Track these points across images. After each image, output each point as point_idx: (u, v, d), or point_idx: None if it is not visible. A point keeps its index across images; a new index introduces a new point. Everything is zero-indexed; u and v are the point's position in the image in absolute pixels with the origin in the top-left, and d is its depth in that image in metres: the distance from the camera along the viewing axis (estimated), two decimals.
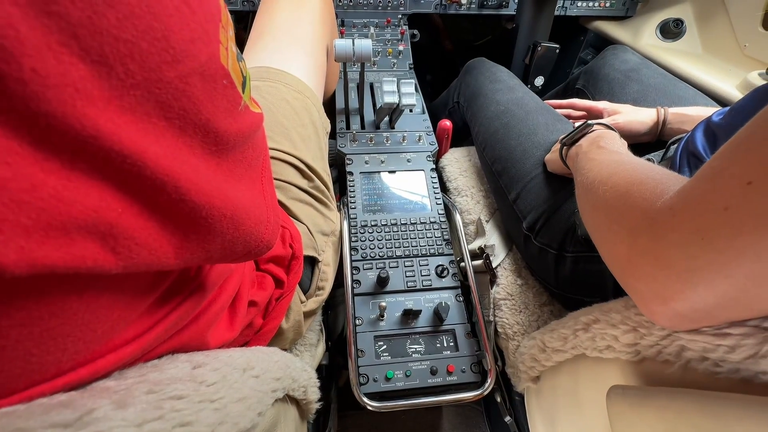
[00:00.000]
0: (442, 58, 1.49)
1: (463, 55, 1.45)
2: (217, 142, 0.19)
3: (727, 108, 0.45)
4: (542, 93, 1.04)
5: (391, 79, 0.67)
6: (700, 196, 0.23)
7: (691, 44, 0.93)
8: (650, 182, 0.30)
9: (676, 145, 0.50)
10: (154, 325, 0.22)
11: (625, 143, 0.48)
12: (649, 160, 0.54)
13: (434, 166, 0.71)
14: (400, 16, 1.01)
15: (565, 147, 0.51)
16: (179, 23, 0.14)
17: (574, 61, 1.22)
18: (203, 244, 0.20)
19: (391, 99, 0.66)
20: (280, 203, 0.50)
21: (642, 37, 0.98)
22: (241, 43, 0.68)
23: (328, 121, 0.65)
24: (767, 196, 0.20)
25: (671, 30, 0.93)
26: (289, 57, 0.59)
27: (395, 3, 0.99)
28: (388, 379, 0.50)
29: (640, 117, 0.65)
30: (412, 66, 0.96)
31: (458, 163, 0.78)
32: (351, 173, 0.69)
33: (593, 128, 0.49)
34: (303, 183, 0.54)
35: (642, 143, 0.67)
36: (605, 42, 1.09)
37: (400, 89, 0.67)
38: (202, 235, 0.19)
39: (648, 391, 0.28)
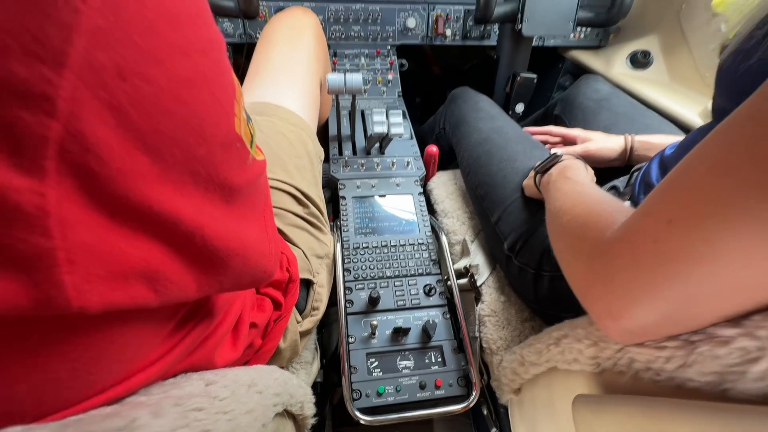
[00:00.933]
0: (431, 82, 1.56)
1: (450, 79, 1.52)
2: (231, 193, 0.23)
3: (678, 142, 0.50)
4: (524, 117, 1.10)
5: (380, 110, 0.72)
6: (635, 230, 0.28)
7: (659, 73, 1.01)
8: (603, 214, 0.34)
9: (637, 173, 0.56)
10: (173, 348, 0.26)
11: (590, 172, 0.53)
12: (614, 186, 0.59)
13: (422, 190, 0.76)
14: (389, 47, 1.07)
15: (538, 175, 0.56)
16: (210, 114, 0.18)
17: (553, 86, 1.29)
18: (218, 278, 0.24)
19: (380, 129, 0.71)
20: (278, 230, 0.54)
21: (614, 66, 1.05)
22: (241, 72, 0.72)
23: (322, 149, 0.70)
24: (685, 233, 0.24)
25: (639, 60, 1.00)
26: (285, 92, 0.63)
27: (384, 35, 1.06)
28: (379, 394, 0.53)
29: (610, 144, 0.71)
30: (401, 94, 1.02)
31: (445, 186, 0.83)
32: (344, 197, 0.73)
33: (562, 158, 0.54)
34: (299, 210, 0.58)
35: (613, 167, 0.72)
36: (581, 70, 1.16)
37: (389, 119, 0.72)
38: (218, 271, 0.23)
39: (605, 399, 0.32)
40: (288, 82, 0.65)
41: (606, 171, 0.74)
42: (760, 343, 0.22)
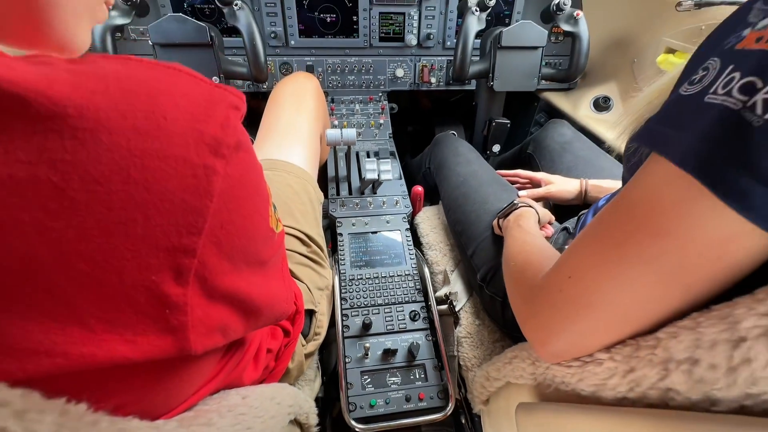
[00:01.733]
0: (421, 114, 1.70)
1: (439, 110, 1.66)
2: (264, 265, 0.34)
3: (611, 194, 0.62)
4: (504, 150, 1.23)
5: (372, 159, 0.84)
6: (549, 282, 0.39)
7: (618, 116, 1.14)
8: (536, 264, 0.46)
9: (583, 216, 0.67)
10: (220, 371, 0.37)
11: (544, 213, 0.65)
12: (566, 228, 0.70)
13: (409, 226, 0.88)
14: (381, 93, 1.20)
15: (499, 219, 0.67)
16: (260, 229, 0.30)
17: (530, 121, 1.43)
18: (255, 323, 0.35)
19: (372, 175, 0.83)
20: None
21: (580, 108, 1.18)
22: (259, 112, 0.83)
23: (322, 194, 0.81)
24: (579, 286, 0.35)
25: (601, 105, 1.14)
26: (291, 150, 0.76)
27: (376, 83, 1.19)
28: (372, 406, 0.63)
29: (568, 187, 0.83)
30: (392, 135, 1.15)
31: (429, 221, 0.95)
32: (341, 234, 0.84)
33: (519, 206, 0.65)
34: (303, 249, 0.69)
35: (573, 205, 0.84)
36: (554, 108, 1.30)
37: (380, 167, 0.84)
38: (256, 318, 0.34)
39: (535, 405, 0.42)
40: (294, 140, 0.77)
41: (567, 208, 0.86)
42: (616, 364, 0.33)
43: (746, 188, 0.22)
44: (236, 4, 0.77)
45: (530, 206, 0.67)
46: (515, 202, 0.67)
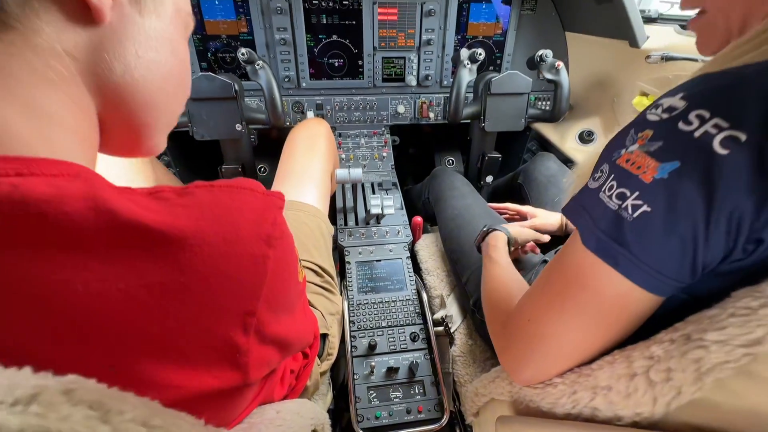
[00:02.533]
0: (423, 136, 1.81)
1: (438, 134, 1.77)
2: (294, 308, 0.45)
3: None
4: (498, 176, 1.34)
5: (376, 195, 0.95)
6: (516, 322, 0.49)
7: (601, 148, 1.24)
8: (508, 295, 0.56)
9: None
10: (260, 392, 0.47)
11: (506, 243, 0.74)
12: (545, 260, 0.80)
13: (409, 254, 0.98)
14: (384, 128, 1.32)
15: (478, 242, 0.78)
16: (296, 286, 0.40)
17: (523, 148, 1.54)
18: (287, 354, 0.45)
19: (376, 210, 0.94)
20: None
21: (567, 140, 1.29)
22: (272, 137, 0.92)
23: (332, 227, 0.92)
24: (534, 326, 0.45)
25: (585, 138, 1.24)
26: (306, 191, 0.87)
27: (379, 119, 1.31)
28: (377, 418, 0.73)
29: (551, 220, 0.93)
30: (393, 166, 1.26)
31: (428, 248, 1.05)
32: (349, 263, 0.95)
33: (490, 231, 0.76)
34: (317, 280, 0.79)
35: (556, 236, 0.94)
36: (543, 138, 1.41)
37: (383, 203, 0.95)
38: (289, 350, 0.44)
39: (512, 418, 0.52)
40: (307, 182, 0.88)
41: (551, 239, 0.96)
42: (565, 387, 0.43)
43: (627, 261, 0.33)
44: (258, 64, 0.89)
45: (498, 229, 0.77)
46: (484, 227, 0.77)
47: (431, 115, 1.32)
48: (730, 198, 0.29)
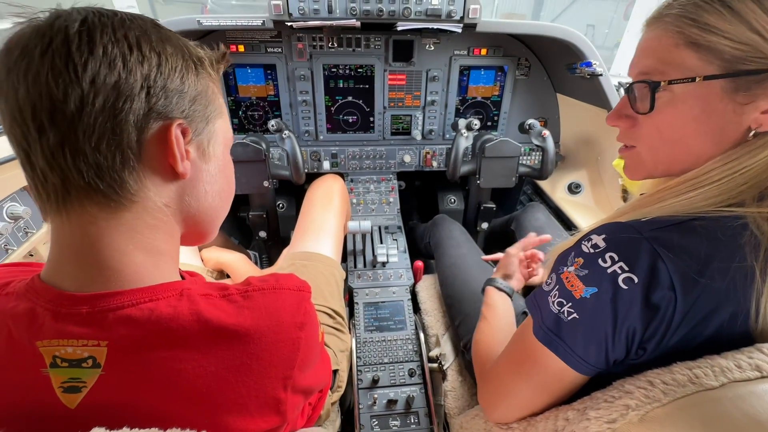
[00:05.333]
0: (427, 176, 1.95)
1: (441, 175, 1.91)
2: (316, 363, 0.59)
3: None
4: (494, 216, 1.47)
5: (382, 245, 1.10)
6: (491, 375, 0.62)
7: (587, 199, 1.38)
8: (488, 351, 0.69)
9: None
10: (289, 425, 0.61)
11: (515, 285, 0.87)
12: (525, 312, 0.94)
13: (410, 297, 1.12)
14: (391, 174, 1.47)
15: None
16: (318, 349, 0.55)
17: (519, 193, 1.67)
18: (310, 396, 0.59)
19: (382, 258, 1.08)
20: None
21: (557, 191, 1.43)
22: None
23: (344, 273, 1.07)
24: (482, 373, 0.59)
25: (573, 189, 1.38)
26: (322, 243, 1.02)
27: (387, 166, 1.46)
28: None
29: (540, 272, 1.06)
30: (399, 210, 1.41)
31: (428, 290, 1.19)
32: (357, 303, 1.09)
33: (485, 288, 0.89)
34: (330, 322, 0.94)
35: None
36: (536, 186, 1.54)
37: (388, 251, 1.09)
38: (312, 394, 0.59)
39: None
40: (323, 235, 1.03)
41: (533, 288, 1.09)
42: (553, 424, 0.56)
43: (563, 350, 0.47)
44: (285, 134, 1.06)
45: (491, 285, 0.89)
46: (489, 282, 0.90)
47: (434, 163, 1.47)
48: (628, 319, 0.43)
